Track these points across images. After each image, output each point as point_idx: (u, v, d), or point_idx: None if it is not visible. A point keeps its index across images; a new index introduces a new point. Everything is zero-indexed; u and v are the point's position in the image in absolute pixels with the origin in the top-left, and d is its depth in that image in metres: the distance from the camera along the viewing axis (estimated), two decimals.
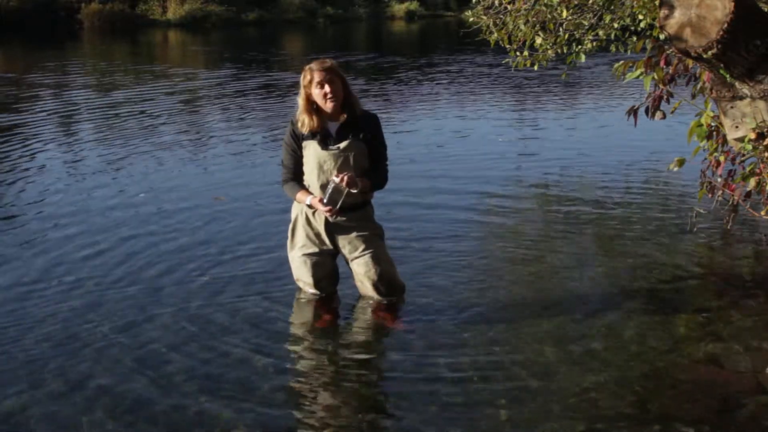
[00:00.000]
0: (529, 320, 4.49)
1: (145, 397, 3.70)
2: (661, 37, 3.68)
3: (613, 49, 5.98)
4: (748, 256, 5.53)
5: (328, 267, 4.62)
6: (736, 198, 4.03)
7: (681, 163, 3.93)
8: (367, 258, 4.48)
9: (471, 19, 6.68)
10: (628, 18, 5.84)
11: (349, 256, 4.53)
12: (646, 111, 3.92)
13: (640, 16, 5.60)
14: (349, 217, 4.44)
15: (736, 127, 3.02)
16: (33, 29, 32.26)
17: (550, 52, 5.94)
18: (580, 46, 5.98)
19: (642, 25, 5.69)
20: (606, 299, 4.82)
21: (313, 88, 4.29)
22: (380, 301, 4.59)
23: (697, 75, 3.98)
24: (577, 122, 11.49)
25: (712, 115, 3.71)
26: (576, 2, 5.72)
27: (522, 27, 5.85)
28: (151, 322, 4.52)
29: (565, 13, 5.69)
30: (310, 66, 4.32)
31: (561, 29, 5.83)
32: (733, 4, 2.63)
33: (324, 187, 4.30)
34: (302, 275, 4.61)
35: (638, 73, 3.77)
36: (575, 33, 5.90)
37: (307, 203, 4.39)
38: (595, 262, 5.49)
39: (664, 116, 3.87)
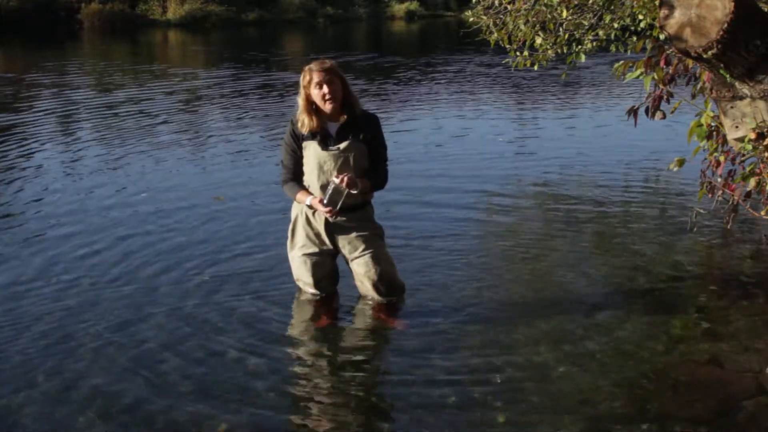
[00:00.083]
0: (528, 320, 4.49)
1: (140, 397, 3.70)
2: (661, 37, 3.67)
3: (613, 49, 5.98)
4: (748, 256, 5.53)
5: (328, 267, 4.61)
6: (736, 198, 4.03)
7: (681, 163, 3.93)
8: (367, 258, 4.48)
9: (471, 19, 6.69)
10: (628, 18, 5.84)
11: (349, 256, 4.53)
12: (646, 111, 3.91)
13: (640, 16, 5.60)
14: (349, 217, 4.43)
15: (736, 127, 3.01)
16: (33, 29, 32.24)
17: (550, 52, 5.94)
18: (580, 46, 5.99)
19: (642, 25, 5.69)
20: (605, 299, 4.82)
21: (312, 88, 4.29)
22: (380, 301, 4.59)
23: (697, 75, 3.98)
24: (577, 122, 11.49)
25: (712, 115, 3.71)
26: (576, 2, 5.72)
27: (522, 27, 5.86)
28: (148, 321, 4.52)
29: (565, 13, 5.70)
30: (310, 66, 4.32)
31: (561, 29, 5.83)
32: (733, 4, 2.62)
33: (324, 188, 4.30)
34: (302, 275, 4.61)
35: (638, 73, 3.77)
36: (575, 33, 5.90)
37: (307, 204, 4.39)
38: (595, 262, 5.49)
39: (664, 116, 3.86)
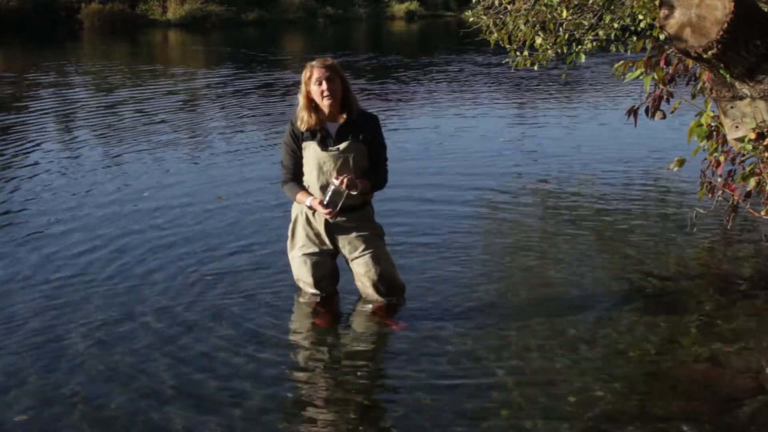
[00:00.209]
0: (528, 320, 4.49)
1: (130, 397, 3.69)
2: (661, 37, 3.68)
3: (613, 49, 5.98)
4: (748, 256, 5.53)
5: (328, 267, 4.61)
6: (736, 198, 4.03)
7: (681, 163, 3.93)
8: (367, 258, 4.48)
9: (471, 19, 6.69)
10: (628, 18, 5.84)
11: (349, 256, 4.53)
12: (646, 111, 3.92)
13: (640, 16, 5.60)
14: (349, 217, 4.43)
15: (736, 127, 3.02)
16: (33, 29, 32.23)
17: (550, 52, 5.95)
18: (580, 46, 5.99)
19: (642, 25, 5.69)
20: (605, 298, 4.82)
21: (312, 84, 4.29)
22: (380, 301, 4.59)
23: (697, 75, 3.98)
24: (577, 122, 11.48)
25: (712, 115, 3.71)
26: (576, 2, 5.73)
27: (522, 27, 5.86)
28: (144, 321, 4.51)
29: (565, 13, 5.70)
30: (312, 63, 4.33)
31: (561, 29, 5.83)
32: (733, 4, 2.63)
33: (324, 189, 4.30)
34: (302, 275, 4.61)
35: (638, 73, 3.77)
36: (575, 33, 5.90)
37: (307, 204, 4.38)
38: (594, 262, 5.49)
39: (664, 116, 3.86)
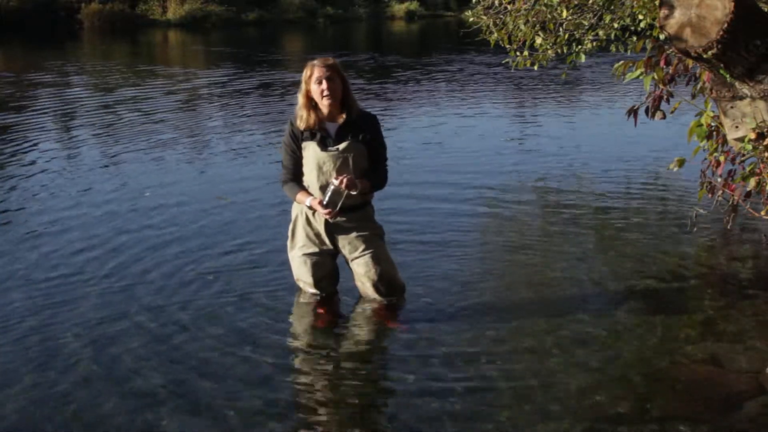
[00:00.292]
0: (528, 320, 4.49)
1: (148, 394, 3.69)
2: (661, 37, 3.67)
3: (613, 49, 5.98)
4: (748, 256, 5.53)
5: (328, 267, 4.61)
6: (736, 198, 4.02)
7: (681, 163, 3.93)
8: (367, 258, 4.48)
9: (471, 19, 6.69)
10: (628, 18, 5.84)
11: (349, 256, 4.52)
12: (646, 111, 3.91)
13: (640, 16, 5.60)
14: (349, 217, 4.43)
15: (736, 127, 3.02)
16: (33, 29, 32.22)
17: (550, 52, 5.94)
18: (580, 46, 5.98)
19: (642, 25, 5.69)
20: (605, 299, 4.82)
21: (313, 83, 4.30)
22: (380, 301, 4.59)
23: (697, 75, 3.98)
24: (577, 122, 11.49)
25: (712, 115, 3.71)
26: (576, 2, 5.72)
27: (522, 27, 5.86)
28: (150, 321, 4.51)
29: (565, 13, 5.70)
30: (313, 62, 4.33)
31: (561, 29, 5.83)
32: (733, 4, 2.63)
33: (323, 189, 4.30)
34: (302, 275, 4.61)
35: (638, 73, 3.77)
36: (575, 33, 5.90)
37: (307, 204, 4.38)
38: (595, 262, 5.49)
39: (664, 116, 3.86)
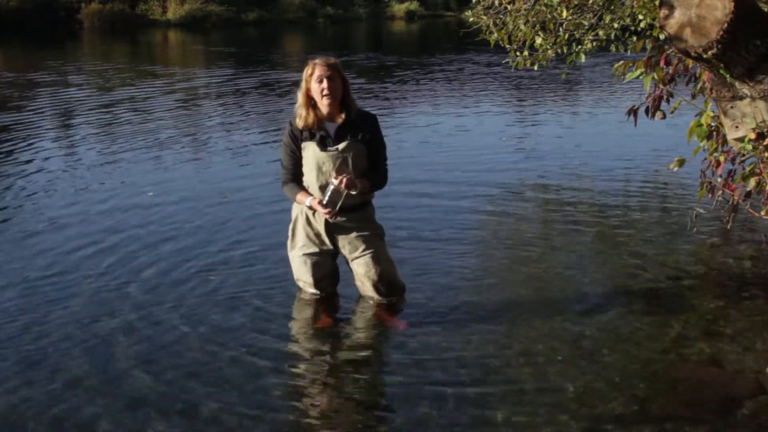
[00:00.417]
0: (528, 320, 4.49)
1: (139, 395, 3.70)
2: (661, 37, 3.67)
3: (613, 49, 5.98)
4: (748, 256, 5.53)
5: (328, 267, 4.61)
6: (736, 198, 4.02)
7: (681, 163, 3.93)
8: (367, 258, 4.48)
9: (471, 19, 6.68)
10: (628, 18, 5.84)
11: (349, 256, 4.52)
12: (646, 111, 3.91)
13: (640, 16, 5.60)
14: (349, 217, 4.43)
15: (736, 127, 3.01)
16: (33, 29, 32.24)
17: (550, 52, 5.94)
18: (580, 46, 5.98)
19: (642, 25, 5.69)
20: (605, 299, 4.82)
21: (313, 82, 4.30)
22: (380, 301, 4.59)
23: (697, 75, 3.97)
24: (577, 121, 11.49)
25: (712, 115, 3.70)
26: (576, 2, 5.72)
27: (522, 27, 5.85)
28: (146, 320, 4.52)
29: (565, 13, 5.69)
30: (314, 61, 4.34)
31: (561, 29, 5.83)
32: (733, 4, 2.62)
33: (323, 189, 4.30)
34: (302, 275, 4.61)
35: (638, 73, 3.77)
36: (575, 33, 5.90)
37: (307, 205, 4.38)
38: (595, 262, 5.50)
39: (664, 116, 3.86)
